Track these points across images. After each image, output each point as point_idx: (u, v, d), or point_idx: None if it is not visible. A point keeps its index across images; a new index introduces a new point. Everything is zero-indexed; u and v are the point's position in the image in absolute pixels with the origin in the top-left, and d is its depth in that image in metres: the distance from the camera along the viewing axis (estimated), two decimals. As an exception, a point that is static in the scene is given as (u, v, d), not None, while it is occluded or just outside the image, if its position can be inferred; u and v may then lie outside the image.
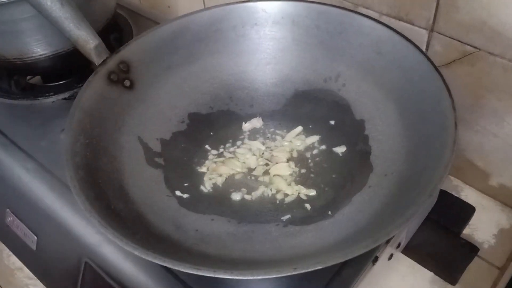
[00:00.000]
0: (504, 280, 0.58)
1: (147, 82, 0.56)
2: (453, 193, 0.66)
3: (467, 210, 0.63)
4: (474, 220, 0.63)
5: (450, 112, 0.43)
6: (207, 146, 0.57)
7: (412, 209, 0.38)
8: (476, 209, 0.64)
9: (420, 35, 0.57)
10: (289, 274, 0.34)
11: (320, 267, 0.35)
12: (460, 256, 0.59)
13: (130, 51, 0.55)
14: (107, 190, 0.45)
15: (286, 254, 0.44)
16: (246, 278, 0.35)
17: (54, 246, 0.57)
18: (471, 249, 0.60)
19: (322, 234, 0.46)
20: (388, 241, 0.49)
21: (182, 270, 0.35)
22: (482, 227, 0.64)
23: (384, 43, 0.52)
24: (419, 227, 0.60)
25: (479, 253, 0.60)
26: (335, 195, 0.50)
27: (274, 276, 0.35)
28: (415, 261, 0.60)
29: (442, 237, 0.60)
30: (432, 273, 0.60)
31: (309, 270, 0.34)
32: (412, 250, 0.60)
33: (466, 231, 0.63)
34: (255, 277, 0.35)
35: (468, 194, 0.67)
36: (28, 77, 0.72)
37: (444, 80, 0.45)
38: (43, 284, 0.60)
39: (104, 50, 0.55)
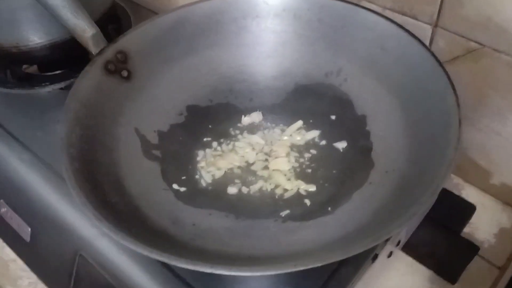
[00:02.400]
0: (504, 280, 0.58)
1: (145, 73, 0.55)
2: (454, 191, 0.66)
3: (468, 209, 0.62)
4: (474, 219, 0.62)
5: (454, 109, 0.42)
6: (205, 139, 0.56)
7: (414, 208, 0.37)
8: (477, 208, 0.63)
9: (424, 31, 0.56)
10: (289, 270, 0.34)
11: (320, 264, 0.34)
12: (460, 255, 0.59)
13: (128, 41, 0.54)
14: (103, 183, 0.44)
15: (285, 251, 0.43)
16: (244, 274, 0.34)
17: (48, 238, 0.56)
18: (471, 248, 0.59)
19: (322, 230, 0.45)
20: (388, 239, 0.49)
21: (179, 265, 0.34)
22: (482, 226, 0.63)
23: (388, 38, 0.51)
24: (419, 225, 0.60)
25: (479, 253, 0.59)
26: (335, 191, 0.49)
27: (274, 272, 0.34)
28: (415, 259, 0.60)
29: (442, 235, 0.60)
30: (431, 272, 0.59)
31: (309, 267, 0.34)
32: (412, 248, 0.59)
33: (466, 230, 0.62)
34: (254, 274, 0.34)
35: (469, 193, 0.67)
36: (24, 67, 0.71)
37: (449, 77, 0.44)
38: (37, 276, 0.60)
39: (102, 39, 0.54)
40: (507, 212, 0.65)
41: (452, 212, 0.62)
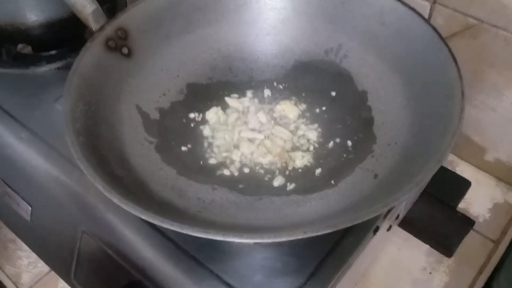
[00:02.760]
0: (499, 253, 0.59)
1: (145, 50, 0.55)
2: (449, 168, 0.67)
3: (463, 185, 0.64)
4: (469, 195, 0.64)
5: (456, 81, 0.43)
6: (206, 117, 0.56)
7: (421, 176, 0.38)
8: (472, 184, 0.64)
9: (423, 7, 0.57)
10: (299, 237, 0.34)
11: (330, 231, 0.34)
12: (456, 229, 0.60)
13: (128, 17, 0.54)
14: (108, 157, 0.44)
15: (291, 221, 0.44)
16: (255, 241, 0.35)
17: (49, 217, 0.56)
18: (466, 223, 0.61)
19: (326, 202, 0.46)
20: (388, 212, 0.49)
21: (191, 233, 0.35)
22: (477, 202, 0.65)
23: (388, 13, 0.52)
24: (416, 201, 0.61)
25: (474, 227, 0.61)
26: (338, 165, 0.50)
27: (284, 239, 0.34)
28: (412, 234, 0.61)
29: (438, 210, 0.61)
30: (428, 246, 0.60)
31: (320, 233, 0.34)
32: (409, 223, 0.60)
33: (461, 205, 0.64)
34: (264, 240, 0.34)
35: (464, 169, 0.68)
36: (19, 47, 0.70)
37: (450, 49, 0.45)
38: (38, 256, 0.60)
39: (102, 15, 0.53)
40: (500, 188, 0.66)
41: (448, 188, 0.63)
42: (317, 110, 0.55)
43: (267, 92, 0.58)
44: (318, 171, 0.50)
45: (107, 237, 0.50)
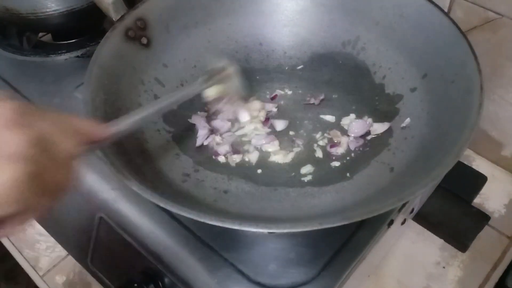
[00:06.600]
0: (514, 248, 0.59)
1: (163, 40, 0.55)
2: (465, 163, 0.66)
3: (479, 179, 0.63)
4: (485, 190, 0.63)
5: (475, 75, 0.42)
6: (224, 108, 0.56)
7: (438, 170, 0.38)
8: (488, 179, 0.64)
9: (442, 0, 0.56)
10: (314, 228, 0.34)
11: (345, 223, 0.35)
12: (471, 224, 0.60)
13: (147, 8, 0.54)
14: (127, 146, 0.45)
15: (306, 213, 0.44)
16: (271, 231, 0.35)
17: (67, 202, 0.56)
18: (482, 218, 0.60)
19: (342, 195, 0.46)
20: (403, 206, 0.49)
21: (207, 222, 0.35)
22: (493, 197, 0.64)
23: (407, 6, 0.51)
24: (431, 195, 0.60)
25: (489, 222, 0.60)
26: (354, 158, 0.50)
27: (299, 230, 0.35)
28: (426, 228, 0.61)
29: (453, 205, 0.61)
30: (442, 240, 0.60)
31: (335, 225, 0.34)
32: (423, 218, 0.60)
33: (477, 200, 0.63)
34: (280, 231, 0.35)
35: (480, 164, 0.68)
36: (40, 35, 0.71)
37: (469, 43, 0.45)
38: (56, 240, 0.61)
39: (122, 6, 0.54)
40: (517, 184, 0.66)
41: (463, 182, 0.62)
42: (333, 103, 0.55)
43: (283, 85, 0.58)
44: (334, 163, 0.50)
45: (124, 223, 0.51)
